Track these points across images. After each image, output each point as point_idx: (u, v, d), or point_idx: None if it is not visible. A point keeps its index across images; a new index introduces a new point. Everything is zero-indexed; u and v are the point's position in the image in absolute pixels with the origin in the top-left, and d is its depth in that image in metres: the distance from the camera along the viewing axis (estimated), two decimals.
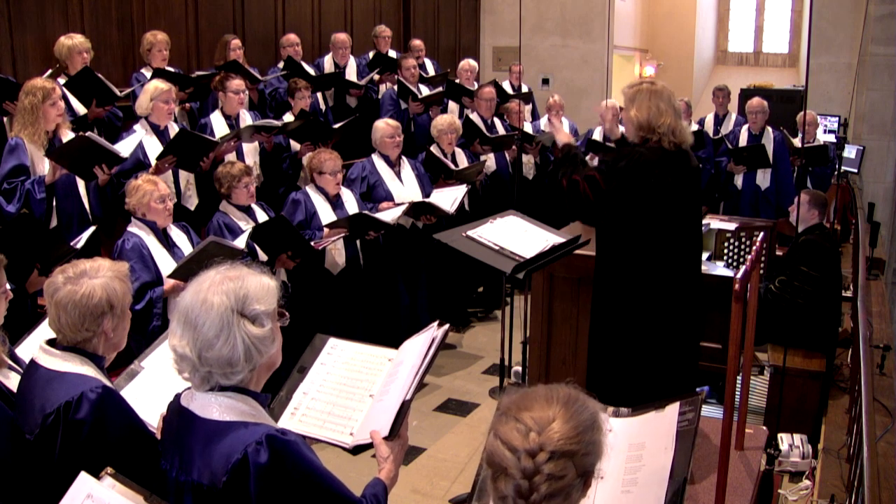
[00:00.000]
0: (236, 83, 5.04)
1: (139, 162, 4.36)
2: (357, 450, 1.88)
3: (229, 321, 1.62)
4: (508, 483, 1.34)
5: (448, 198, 5.12)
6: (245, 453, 1.58)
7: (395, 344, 2.11)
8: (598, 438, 1.39)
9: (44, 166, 3.92)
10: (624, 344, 3.19)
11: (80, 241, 3.56)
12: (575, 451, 1.34)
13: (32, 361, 2.04)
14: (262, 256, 4.16)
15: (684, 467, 1.83)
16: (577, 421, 1.36)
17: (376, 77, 6.72)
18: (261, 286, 1.68)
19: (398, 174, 5.23)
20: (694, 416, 1.93)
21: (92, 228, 3.71)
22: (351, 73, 6.75)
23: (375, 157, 5.23)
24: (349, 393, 2.02)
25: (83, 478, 1.62)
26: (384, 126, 5.20)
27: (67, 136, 4.05)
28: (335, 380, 2.06)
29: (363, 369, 2.07)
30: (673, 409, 1.97)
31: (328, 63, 6.72)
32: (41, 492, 1.92)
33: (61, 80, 4.58)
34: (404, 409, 1.83)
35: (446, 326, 1.96)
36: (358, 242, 4.79)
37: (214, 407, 1.65)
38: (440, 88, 6.77)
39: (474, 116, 6.44)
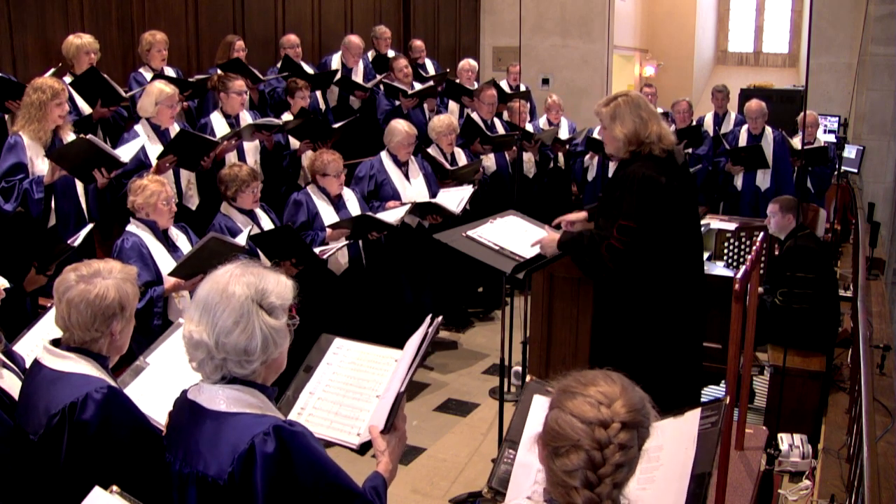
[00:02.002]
0: (238, 84, 5.02)
1: (140, 162, 4.36)
2: (364, 448, 1.89)
3: (249, 310, 1.64)
4: (580, 455, 1.40)
5: (454, 198, 5.13)
6: (252, 444, 1.59)
7: (401, 344, 2.11)
8: (651, 416, 1.49)
9: (42, 164, 3.91)
10: (628, 346, 3.18)
11: (77, 239, 3.55)
12: (640, 421, 1.44)
13: (36, 362, 2.03)
14: (265, 259, 4.15)
15: (707, 463, 1.86)
16: (638, 396, 1.48)
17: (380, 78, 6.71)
18: (278, 282, 1.71)
19: (406, 173, 5.25)
20: (718, 419, 1.96)
21: (89, 226, 3.70)
22: (358, 75, 6.73)
23: (384, 156, 5.24)
24: (356, 393, 2.02)
25: (97, 493, 1.60)
26: (403, 133, 5.15)
27: (69, 137, 4.04)
28: (342, 380, 2.07)
29: (370, 370, 2.08)
30: (693, 415, 2.00)
31: (335, 62, 6.69)
32: (46, 493, 1.91)
33: (66, 80, 4.58)
34: (398, 401, 1.84)
35: (438, 319, 1.97)
36: (360, 243, 4.79)
37: (221, 398, 1.66)
38: (430, 83, 6.76)
39: (475, 116, 6.44)
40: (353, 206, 4.77)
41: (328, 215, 4.61)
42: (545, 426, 1.47)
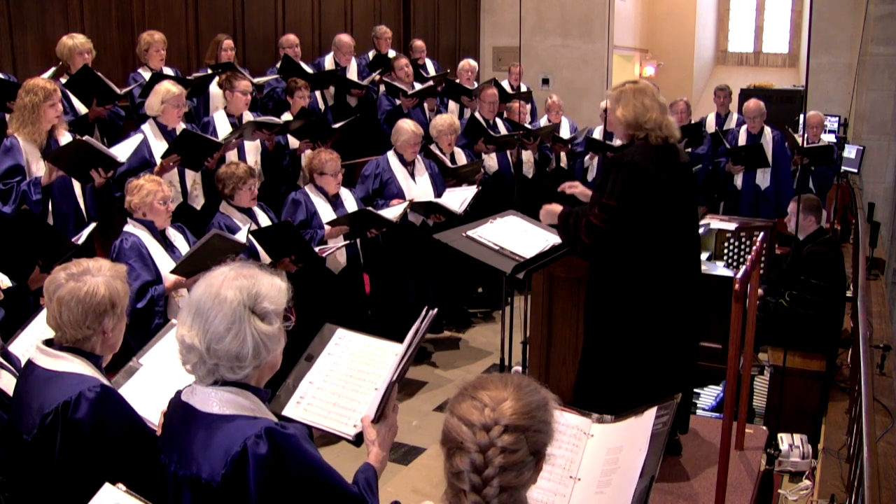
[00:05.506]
0: (245, 84, 5.04)
1: (145, 161, 4.37)
2: (359, 439, 1.90)
3: (241, 316, 1.63)
4: (464, 458, 1.41)
5: (457, 198, 5.17)
6: (244, 446, 1.59)
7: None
8: (549, 420, 1.47)
9: (39, 165, 3.90)
10: (621, 346, 3.15)
11: (81, 237, 3.55)
12: (527, 426, 1.42)
13: (29, 362, 2.03)
14: (264, 256, 4.16)
15: (653, 467, 1.85)
16: (528, 400, 1.45)
17: (377, 77, 6.72)
18: (272, 286, 1.70)
19: (412, 173, 5.28)
20: (668, 419, 1.94)
21: (92, 225, 3.70)
22: (351, 74, 6.75)
23: (390, 155, 5.28)
24: (355, 385, 2.02)
25: (107, 489, 1.60)
26: (410, 132, 5.19)
27: (65, 137, 4.04)
28: (342, 371, 2.07)
29: (370, 362, 2.08)
30: (650, 413, 1.99)
31: (329, 63, 6.71)
32: (40, 492, 1.91)
33: (62, 80, 4.57)
34: (388, 391, 1.85)
35: (433, 312, 1.96)
36: (358, 242, 4.80)
37: (214, 401, 1.66)
38: (430, 83, 6.77)
39: (478, 115, 6.44)
40: (351, 205, 4.78)
41: (326, 214, 4.62)
42: (442, 429, 1.47)
